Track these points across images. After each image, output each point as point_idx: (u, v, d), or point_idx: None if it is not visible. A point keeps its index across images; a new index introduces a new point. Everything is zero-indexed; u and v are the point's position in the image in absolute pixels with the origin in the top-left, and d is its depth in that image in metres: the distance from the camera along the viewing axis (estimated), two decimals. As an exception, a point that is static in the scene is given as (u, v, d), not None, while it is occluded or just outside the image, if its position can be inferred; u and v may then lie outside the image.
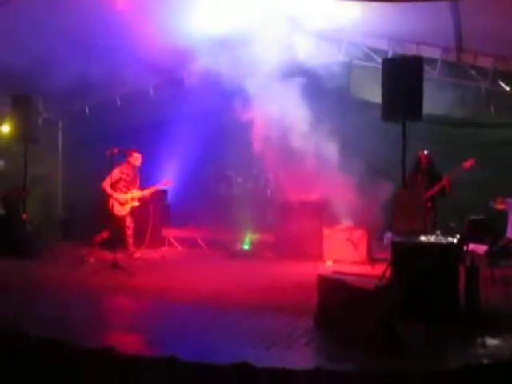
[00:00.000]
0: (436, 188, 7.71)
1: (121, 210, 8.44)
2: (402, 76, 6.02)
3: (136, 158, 8.54)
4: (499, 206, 7.72)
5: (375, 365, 3.73)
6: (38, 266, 7.60)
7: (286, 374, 3.59)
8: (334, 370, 3.60)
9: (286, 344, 4.16)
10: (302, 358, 3.89)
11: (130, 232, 8.53)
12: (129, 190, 8.54)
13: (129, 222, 8.52)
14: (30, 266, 7.59)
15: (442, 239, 5.15)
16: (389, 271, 5.15)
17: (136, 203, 8.57)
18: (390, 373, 3.61)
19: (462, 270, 5.11)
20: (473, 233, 6.58)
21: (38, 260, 8.10)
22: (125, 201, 8.47)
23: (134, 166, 8.59)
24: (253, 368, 3.59)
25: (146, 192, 8.65)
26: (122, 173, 8.49)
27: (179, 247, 9.62)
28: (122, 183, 8.49)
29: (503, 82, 9.06)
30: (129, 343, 4.25)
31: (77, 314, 4.94)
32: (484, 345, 4.24)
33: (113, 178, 8.20)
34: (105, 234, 8.48)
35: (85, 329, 4.50)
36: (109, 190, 8.23)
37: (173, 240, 9.75)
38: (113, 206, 8.12)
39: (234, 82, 8.49)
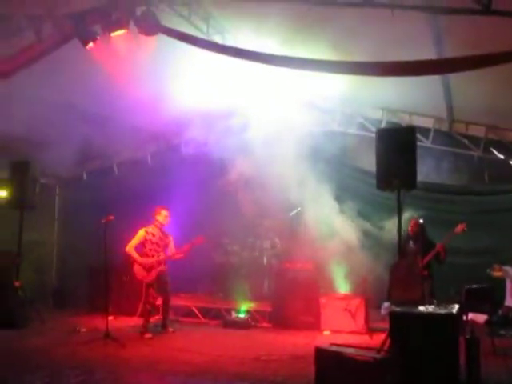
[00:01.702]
0: (430, 255, 7.70)
1: (146, 276, 7.66)
2: (395, 146, 6.19)
3: (165, 217, 7.86)
4: (496, 274, 7.70)
5: None
6: (27, 336, 7.42)
7: None
8: None
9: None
10: None
11: (148, 306, 7.63)
12: (156, 252, 7.75)
13: (152, 292, 7.64)
14: (19, 336, 7.42)
15: (441, 309, 5.10)
16: (387, 342, 5.07)
17: (163, 267, 7.74)
18: None
19: (461, 340, 5.04)
20: (471, 302, 6.50)
21: (28, 329, 7.92)
22: (151, 265, 7.66)
23: (162, 226, 7.88)
24: None
25: (178, 253, 7.83)
26: (148, 233, 7.76)
27: (173, 316, 9.45)
28: (148, 245, 7.73)
29: (496, 150, 9.27)
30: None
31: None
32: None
33: (138, 240, 7.68)
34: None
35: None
36: (133, 253, 7.63)
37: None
38: (137, 271, 7.63)
39: (229, 151, 8.67)
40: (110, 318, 7.62)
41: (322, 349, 4.68)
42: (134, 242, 7.70)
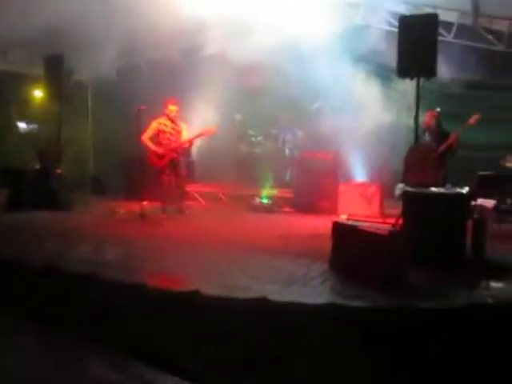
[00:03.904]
0: (445, 145, 7.57)
1: (159, 163, 7.94)
2: (417, 33, 5.98)
3: (171, 110, 7.98)
4: (509, 164, 7.66)
5: (384, 301, 3.82)
6: (71, 217, 7.80)
7: (301, 307, 3.71)
8: (346, 305, 3.72)
9: (302, 283, 4.28)
10: (316, 294, 3.99)
11: (161, 190, 7.95)
12: (169, 141, 7.95)
13: (164, 177, 7.95)
14: (64, 216, 7.78)
15: (452, 190, 5.17)
16: (400, 220, 5.20)
17: (175, 155, 7.95)
18: (398, 308, 3.71)
19: (469, 223, 5.12)
20: (482, 188, 6.54)
21: (72, 212, 8.31)
22: (163, 153, 7.90)
23: (170, 118, 8.01)
24: (271, 302, 3.72)
25: (186, 142, 8.02)
26: (160, 124, 7.97)
27: (202, 201, 9.77)
28: (161, 135, 7.96)
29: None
30: (158, 280, 4.41)
31: (110, 255, 5.13)
32: (488, 287, 4.31)
33: (151, 131, 7.89)
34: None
35: (117, 268, 4.67)
36: (147, 143, 7.88)
37: (196, 195, 9.89)
38: (152, 158, 7.88)
39: (250, 50, 8.43)
40: (145, 202, 7.88)
41: (339, 223, 4.85)
42: (148, 133, 7.92)
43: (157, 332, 3.98)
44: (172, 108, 8.00)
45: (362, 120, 8.35)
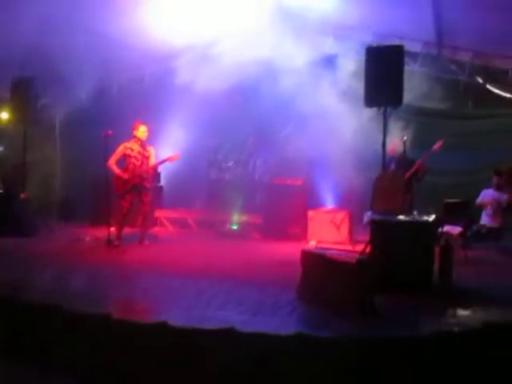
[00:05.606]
0: (411, 172, 7.64)
1: (121, 188, 7.63)
2: (384, 63, 6.13)
3: (142, 132, 7.68)
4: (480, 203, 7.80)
5: (353, 331, 3.80)
6: (36, 243, 7.59)
7: (269, 338, 3.66)
8: (314, 335, 3.68)
9: (270, 312, 4.24)
10: (284, 324, 3.94)
11: (120, 216, 7.62)
12: (135, 166, 7.64)
13: (123, 203, 7.65)
14: (28, 242, 7.58)
15: (418, 218, 5.23)
16: (368, 248, 5.23)
17: (138, 180, 7.63)
18: (367, 338, 3.70)
19: (437, 250, 5.19)
20: (448, 215, 6.65)
21: (36, 237, 8.09)
22: (127, 178, 7.59)
23: (140, 140, 7.71)
24: (238, 332, 3.66)
25: (150, 167, 7.77)
26: (126, 148, 7.66)
27: (171, 227, 9.66)
28: (127, 159, 7.67)
29: (479, 75, 9.16)
30: (124, 310, 4.31)
31: (74, 284, 4.99)
32: (455, 315, 4.35)
33: (117, 155, 7.63)
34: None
35: (82, 297, 4.53)
36: (112, 167, 7.62)
37: (165, 221, 9.78)
38: (115, 183, 7.63)
39: (224, 74, 8.49)
40: (112, 228, 7.71)
41: (307, 251, 4.84)
42: (114, 156, 7.66)
43: (123, 363, 3.87)
44: (142, 129, 7.73)
45: (332, 146, 8.43)
